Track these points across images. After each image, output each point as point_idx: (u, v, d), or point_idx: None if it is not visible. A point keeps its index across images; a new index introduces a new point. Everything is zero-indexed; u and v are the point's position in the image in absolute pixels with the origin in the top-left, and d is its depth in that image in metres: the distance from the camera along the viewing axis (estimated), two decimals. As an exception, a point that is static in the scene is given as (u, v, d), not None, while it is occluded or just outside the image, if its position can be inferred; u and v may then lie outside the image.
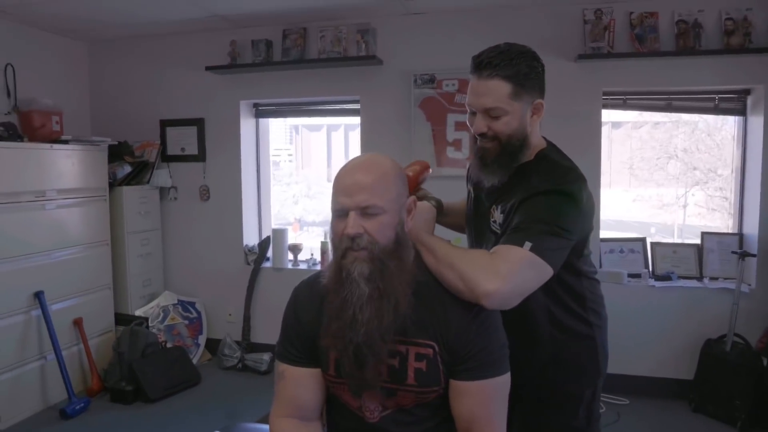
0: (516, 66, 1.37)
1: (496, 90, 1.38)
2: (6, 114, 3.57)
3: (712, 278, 3.37)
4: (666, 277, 3.38)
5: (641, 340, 3.36)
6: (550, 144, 1.56)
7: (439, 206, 1.53)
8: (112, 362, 3.47)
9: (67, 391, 3.21)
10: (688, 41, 3.21)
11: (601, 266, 3.49)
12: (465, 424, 1.22)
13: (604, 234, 3.66)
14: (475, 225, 1.63)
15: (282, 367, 1.31)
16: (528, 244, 1.28)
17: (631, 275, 3.43)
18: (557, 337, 1.53)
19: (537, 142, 1.51)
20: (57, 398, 3.28)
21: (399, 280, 1.15)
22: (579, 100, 3.38)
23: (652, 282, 3.38)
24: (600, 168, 3.43)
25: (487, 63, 1.38)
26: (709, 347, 3.19)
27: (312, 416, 1.31)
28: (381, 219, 1.14)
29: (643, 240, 3.56)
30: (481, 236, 1.59)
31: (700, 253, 3.46)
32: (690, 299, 3.31)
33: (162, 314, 3.86)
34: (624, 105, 3.53)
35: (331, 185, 1.20)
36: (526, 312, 1.53)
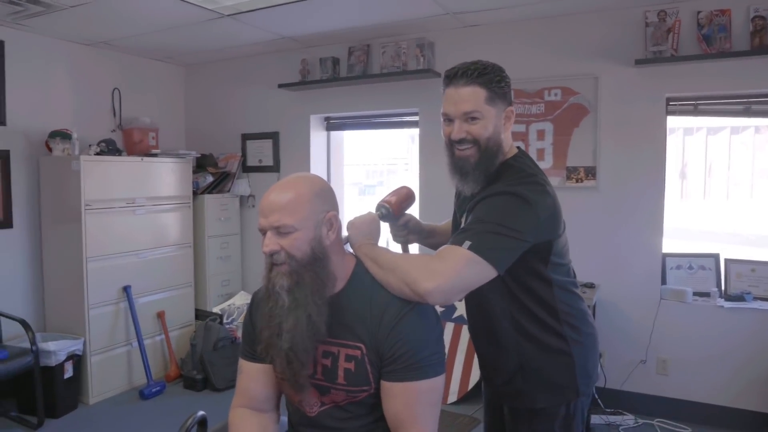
0: (488, 74, 1.45)
1: (474, 95, 1.44)
2: (111, 131, 4.13)
3: (797, 302, 3.01)
4: (739, 298, 3.07)
5: (706, 364, 3.09)
6: (520, 151, 1.57)
7: (387, 215, 1.58)
8: (188, 353, 3.85)
9: (146, 375, 3.63)
10: (765, 39, 2.93)
11: (665, 283, 3.26)
12: (392, 423, 1.28)
13: (674, 248, 3.41)
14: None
15: (241, 362, 1.45)
16: (467, 243, 1.32)
17: (698, 294, 3.16)
18: (524, 345, 1.51)
19: (507, 151, 1.54)
20: (140, 381, 3.71)
21: (312, 290, 1.24)
22: (640, 107, 3.20)
23: (721, 302, 3.09)
24: (664, 177, 3.21)
25: (462, 73, 1.45)
26: (786, 378, 2.87)
27: (265, 407, 1.43)
28: (294, 236, 1.24)
29: (715, 256, 3.27)
30: None
31: (785, 273, 3.11)
32: (766, 323, 2.98)
33: (236, 312, 4.21)
34: (695, 111, 3.27)
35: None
36: (490, 315, 1.55)
